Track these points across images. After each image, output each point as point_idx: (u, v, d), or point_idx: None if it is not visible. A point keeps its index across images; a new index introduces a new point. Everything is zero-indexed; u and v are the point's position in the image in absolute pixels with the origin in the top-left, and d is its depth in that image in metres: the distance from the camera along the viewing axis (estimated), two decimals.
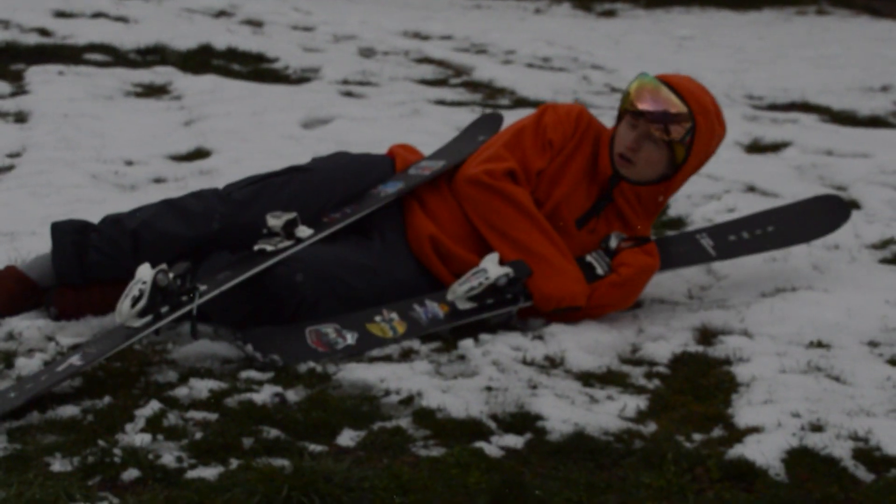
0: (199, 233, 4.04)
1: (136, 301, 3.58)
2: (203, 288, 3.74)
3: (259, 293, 3.93)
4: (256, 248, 3.96)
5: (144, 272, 3.63)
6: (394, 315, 4.04)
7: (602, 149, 4.37)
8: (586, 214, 4.37)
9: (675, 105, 4.22)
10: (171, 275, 3.65)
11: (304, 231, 4.01)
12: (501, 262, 4.14)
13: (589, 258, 4.33)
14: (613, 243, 4.33)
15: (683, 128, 4.22)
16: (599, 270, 4.29)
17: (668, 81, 4.28)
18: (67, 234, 4.03)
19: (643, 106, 4.24)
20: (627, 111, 4.31)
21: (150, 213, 4.07)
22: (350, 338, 3.92)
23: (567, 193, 4.34)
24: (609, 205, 4.38)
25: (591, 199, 4.38)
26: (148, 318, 3.62)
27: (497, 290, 4.09)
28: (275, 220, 3.97)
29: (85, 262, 4.01)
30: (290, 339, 3.85)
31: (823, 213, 4.80)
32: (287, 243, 3.97)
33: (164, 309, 3.65)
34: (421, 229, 4.23)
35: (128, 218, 4.07)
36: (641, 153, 4.28)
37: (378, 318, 4.02)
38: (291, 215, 3.98)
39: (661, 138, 4.24)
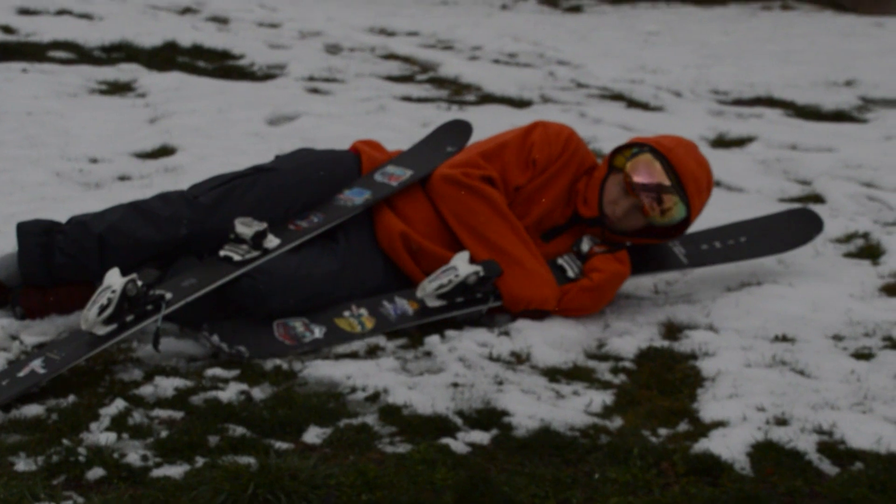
0: (166, 237, 4.02)
1: (103, 309, 3.57)
2: (168, 297, 3.72)
3: (225, 302, 3.91)
4: (222, 254, 3.94)
5: (114, 280, 3.60)
6: (363, 311, 4.04)
7: (591, 189, 4.40)
8: (554, 230, 4.42)
9: (670, 192, 4.30)
10: (139, 283, 3.63)
11: (271, 241, 3.99)
12: (472, 261, 4.14)
13: (560, 261, 4.34)
14: (585, 247, 4.35)
15: (670, 215, 4.34)
16: (570, 273, 4.30)
17: (670, 157, 4.32)
18: (33, 235, 4.00)
19: (639, 179, 4.30)
20: (620, 171, 4.35)
21: (116, 216, 4.04)
22: (318, 332, 3.91)
23: (542, 213, 4.37)
24: (577, 226, 4.44)
25: (563, 218, 4.43)
26: (113, 327, 3.61)
27: (467, 289, 4.09)
28: (244, 229, 3.94)
29: (51, 264, 3.98)
30: (258, 331, 3.84)
31: (797, 226, 4.81)
32: (254, 254, 3.94)
33: (130, 318, 3.64)
34: (391, 227, 4.22)
35: (94, 221, 4.03)
36: (627, 221, 4.37)
37: (347, 314, 4.01)
38: (261, 227, 3.94)
39: (646, 214, 4.34)
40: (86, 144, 6.32)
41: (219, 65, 9.07)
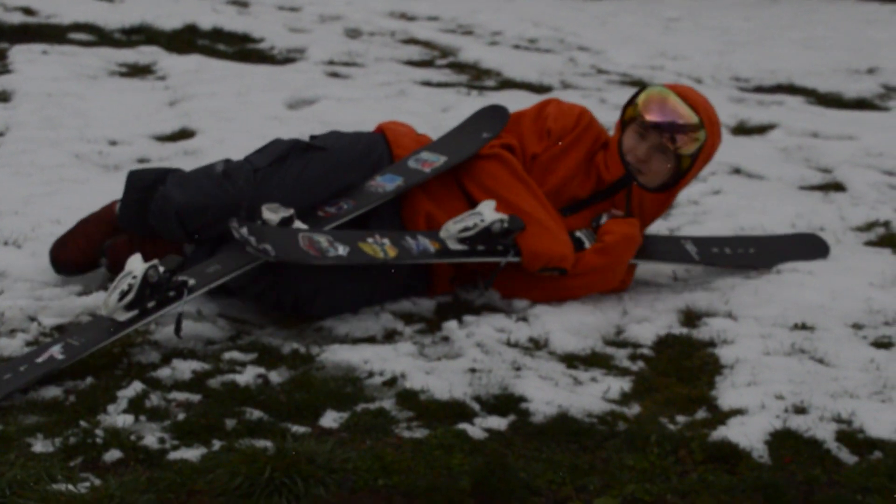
0: (232, 213, 4.01)
1: (123, 295, 3.57)
2: (192, 283, 3.72)
3: (262, 278, 3.94)
4: None
5: (135, 266, 3.60)
6: (386, 241, 4.02)
7: (610, 153, 4.41)
8: (577, 205, 4.41)
9: (685, 116, 4.29)
10: (161, 269, 3.63)
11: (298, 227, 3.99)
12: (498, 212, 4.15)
13: (578, 234, 4.33)
14: (603, 221, 4.34)
15: (692, 139, 4.30)
16: (587, 244, 4.29)
17: (676, 91, 4.36)
18: (135, 190, 4.12)
19: (652, 117, 4.30)
20: (635, 120, 4.36)
21: (193, 186, 4.05)
22: (342, 250, 3.90)
23: (559, 184, 4.37)
24: (604, 202, 4.43)
25: (584, 192, 4.43)
26: (134, 313, 3.60)
27: (489, 238, 4.09)
28: (271, 215, 3.93)
29: (147, 224, 4.09)
30: (285, 236, 3.84)
31: (803, 248, 4.84)
32: None
33: (151, 304, 3.63)
34: (418, 206, 4.23)
35: (177, 189, 4.05)
36: (651, 164, 4.35)
37: (370, 240, 3.99)
38: (288, 213, 3.94)
39: (670, 149, 4.31)
40: (105, 126, 6.33)
41: (239, 48, 9.07)
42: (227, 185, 4.07)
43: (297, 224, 3.98)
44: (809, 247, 4.85)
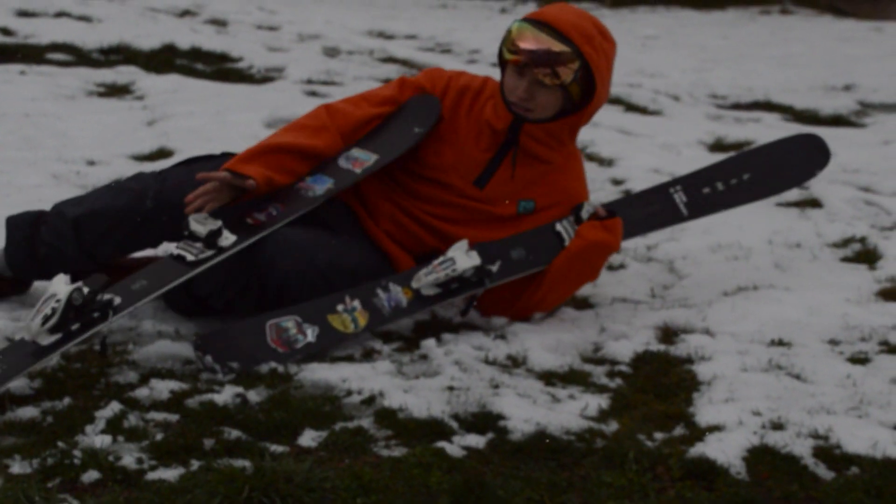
0: (135, 213, 3.98)
1: (47, 319, 3.47)
2: (117, 301, 3.62)
3: (241, 274, 3.92)
4: (175, 252, 3.82)
5: (59, 288, 3.51)
6: (356, 303, 4.00)
7: (497, 101, 4.20)
8: (486, 170, 4.23)
9: (557, 44, 4.05)
10: (85, 290, 3.53)
11: (227, 239, 3.87)
12: (469, 251, 4.09)
13: (559, 227, 4.23)
14: (585, 214, 4.23)
15: (571, 69, 4.08)
16: (567, 241, 4.21)
17: (545, 19, 4.09)
18: (20, 228, 4.02)
19: (524, 45, 4.05)
20: (509, 60, 4.13)
21: (90, 199, 4.05)
22: (310, 334, 3.89)
23: (457, 154, 4.23)
24: (516, 150, 4.20)
25: (488, 153, 4.22)
26: (57, 336, 3.50)
27: (462, 277, 4.08)
28: (198, 227, 3.84)
29: (37, 257, 4.00)
30: (249, 339, 3.81)
31: (801, 156, 4.66)
32: (208, 253, 3.83)
33: (75, 326, 3.53)
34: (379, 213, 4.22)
35: (71, 207, 4.03)
36: (536, 100, 4.12)
37: (340, 308, 3.97)
38: (216, 225, 3.84)
39: (551, 83, 4.08)
40: (83, 147, 6.32)
41: (217, 67, 9.07)
42: (131, 183, 4.06)
43: (226, 235, 3.88)
44: (807, 152, 4.65)
